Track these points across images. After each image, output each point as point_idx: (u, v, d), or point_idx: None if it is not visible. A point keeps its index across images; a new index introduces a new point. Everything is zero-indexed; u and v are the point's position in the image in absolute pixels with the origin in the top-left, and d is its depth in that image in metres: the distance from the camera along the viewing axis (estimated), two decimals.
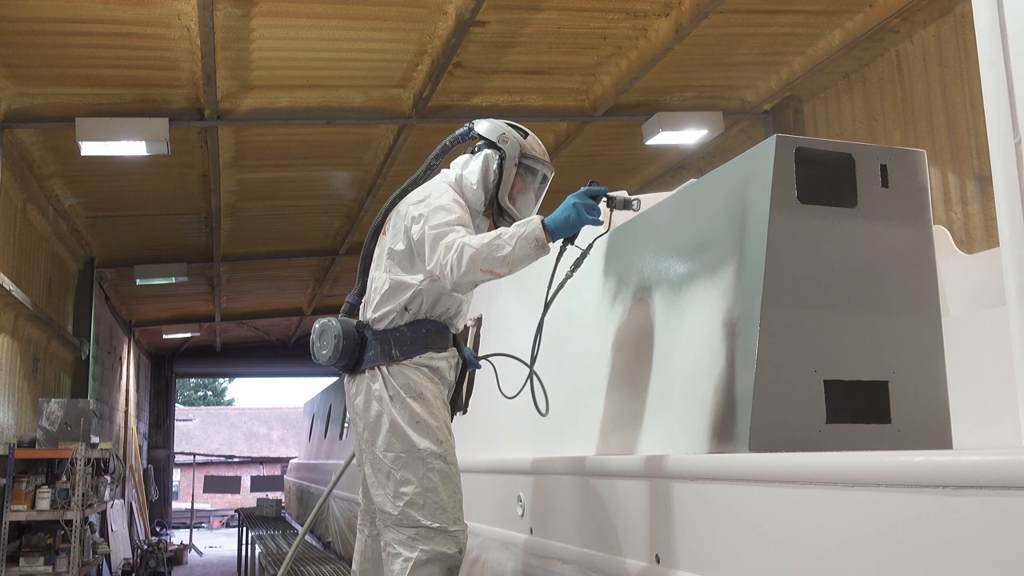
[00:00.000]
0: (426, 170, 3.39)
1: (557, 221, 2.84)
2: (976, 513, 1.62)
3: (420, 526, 2.97)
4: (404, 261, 3.16)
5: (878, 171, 2.57)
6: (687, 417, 2.63)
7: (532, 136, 3.30)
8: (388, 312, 3.16)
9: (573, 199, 2.86)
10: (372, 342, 3.16)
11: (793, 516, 2.05)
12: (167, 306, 16.53)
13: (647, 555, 2.54)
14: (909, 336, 2.52)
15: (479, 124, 3.30)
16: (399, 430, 3.03)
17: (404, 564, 2.97)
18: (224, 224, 10.93)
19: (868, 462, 1.88)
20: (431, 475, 3.00)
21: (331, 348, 3.18)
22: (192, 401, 46.32)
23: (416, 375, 3.08)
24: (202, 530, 25.53)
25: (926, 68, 7.26)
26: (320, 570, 6.80)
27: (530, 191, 3.29)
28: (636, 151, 9.58)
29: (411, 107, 7.92)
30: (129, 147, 7.36)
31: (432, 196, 3.15)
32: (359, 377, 3.19)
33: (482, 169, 3.21)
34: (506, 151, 3.20)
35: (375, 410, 3.09)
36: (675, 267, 2.94)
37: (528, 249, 2.81)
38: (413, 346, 3.10)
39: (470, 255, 2.83)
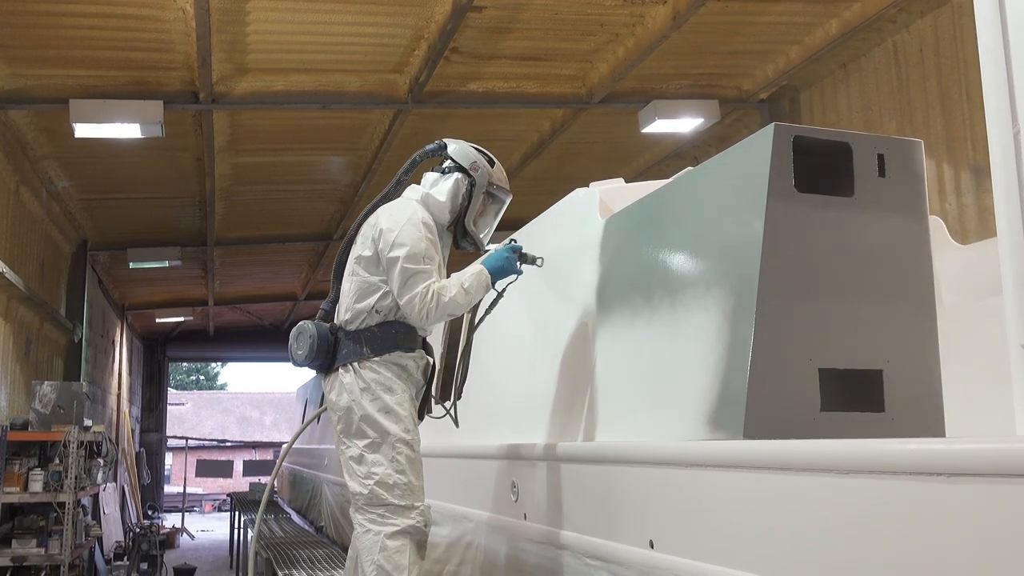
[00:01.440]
0: (396, 184, 3.61)
1: (496, 270, 3.39)
2: (970, 501, 1.63)
3: (388, 504, 3.18)
4: (371, 265, 3.40)
5: (875, 160, 2.57)
6: (682, 404, 2.64)
7: (498, 165, 3.58)
8: (359, 312, 3.38)
9: (505, 252, 3.43)
10: (345, 342, 3.39)
11: (788, 503, 2.07)
12: (160, 290, 16.49)
13: (642, 541, 2.56)
14: (904, 325, 2.53)
15: (451, 145, 3.56)
16: (370, 418, 3.25)
17: (375, 538, 3.17)
18: (218, 208, 10.90)
19: (864, 449, 1.90)
20: (400, 459, 3.22)
21: (306, 348, 3.43)
22: (184, 385, 46.27)
23: (385, 371, 3.31)
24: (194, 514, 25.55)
25: (923, 58, 7.26)
26: (313, 554, 6.82)
27: (490, 215, 3.60)
28: (632, 139, 9.57)
29: (407, 92, 7.90)
30: (123, 130, 7.32)
31: (401, 214, 3.39)
32: (333, 375, 3.41)
33: (451, 192, 3.47)
34: (476, 179, 3.48)
35: (347, 402, 3.31)
36: (671, 254, 2.94)
37: (481, 292, 3.36)
38: (383, 344, 3.32)
39: (442, 304, 3.23)
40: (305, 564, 6.26)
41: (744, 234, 2.51)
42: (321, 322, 3.51)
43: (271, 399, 39.44)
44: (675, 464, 2.43)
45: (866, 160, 2.56)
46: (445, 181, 3.49)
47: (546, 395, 3.58)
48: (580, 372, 3.37)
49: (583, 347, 3.41)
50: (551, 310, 3.75)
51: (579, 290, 3.54)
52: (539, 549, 3.30)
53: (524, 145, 9.71)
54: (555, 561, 3.16)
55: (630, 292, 3.16)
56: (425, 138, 9.42)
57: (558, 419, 3.45)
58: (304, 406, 13.91)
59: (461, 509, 4.30)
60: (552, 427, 3.46)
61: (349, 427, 3.30)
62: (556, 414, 3.48)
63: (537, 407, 3.61)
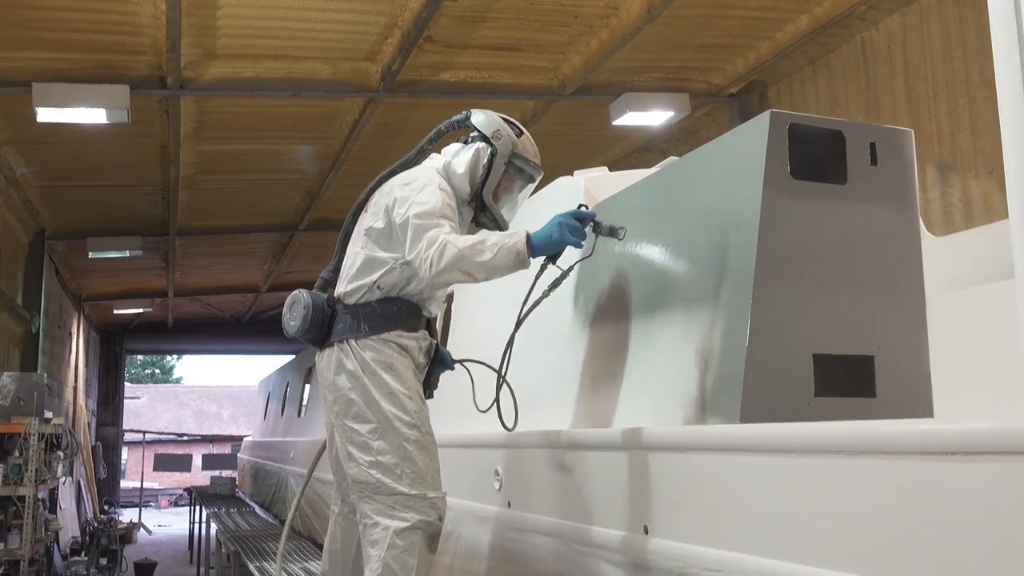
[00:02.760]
0: (417, 153, 3.35)
1: (541, 238, 2.87)
2: (962, 479, 1.66)
3: (399, 493, 2.95)
4: (381, 239, 3.14)
5: (867, 149, 2.59)
6: (675, 390, 2.64)
7: (527, 136, 3.28)
8: (360, 287, 3.15)
9: (559, 218, 2.89)
10: (342, 315, 3.15)
11: (787, 486, 2.08)
12: (119, 280, 16.19)
13: (635, 526, 2.56)
14: (894, 312, 2.56)
15: (476, 115, 3.28)
16: (372, 401, 3.02)
17: (383, 533, 2.93)
18: (181, 197, 10.72)
19: (861, 431, 1.91)
20: (407, 444, 2.98)
21: (300, 319, 3.18)
22: (139, 379, 45.52)
23: (385, 348, 3.07)
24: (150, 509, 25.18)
25: (890, 55, 7.37)
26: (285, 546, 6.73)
27: (515, 191, 3.29)
28: (602, 131, 9.59)
29: (379, 81, 7.83)
30: (88, 114, 7.16)
31: (419, 181, 3.13)
32: (328, 351, 3.18)
33: (471, 161, 3.19)
34: (498, 148, 3.18)
35: (346, 383, 3.07)
36: (662, 241, 2.94)
37: (509, 260, 2.83)
38: (383, 323, 3.09)
39: (452, 254, 2.84)
40: (274, 556, 6.19)
41: (740, 220, 2.52)
42: (318, 292, 3.25)
43: (229, 393, 38.97)
44: (673, 449, 2.43)
45: (859, 148, 2.58)
46: (466, 151, 3.21)
47: (532, 382, 3.57)
48: (567, 359, 3.37)
49: (569, 334, 3.40)
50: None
51: None
52: (525, 537, 3.29)
53: None
54: (542, 549, 3.15)
55: (620, 279, 3.16)
56: (395, 128, 9.35)
57: (545, 406, 3.43)
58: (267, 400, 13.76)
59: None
60: (539, 414, 3.45)
61: (348, 409, 3.06)
62: (543, 401, 3.46)
63: (522, 395, 3.60)
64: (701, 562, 2.27)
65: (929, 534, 1.72)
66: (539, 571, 3.16)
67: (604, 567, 2.71)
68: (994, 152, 6.41)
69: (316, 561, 5.79)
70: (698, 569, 2.28)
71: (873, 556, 1.84)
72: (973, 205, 6.59)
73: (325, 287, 3.36)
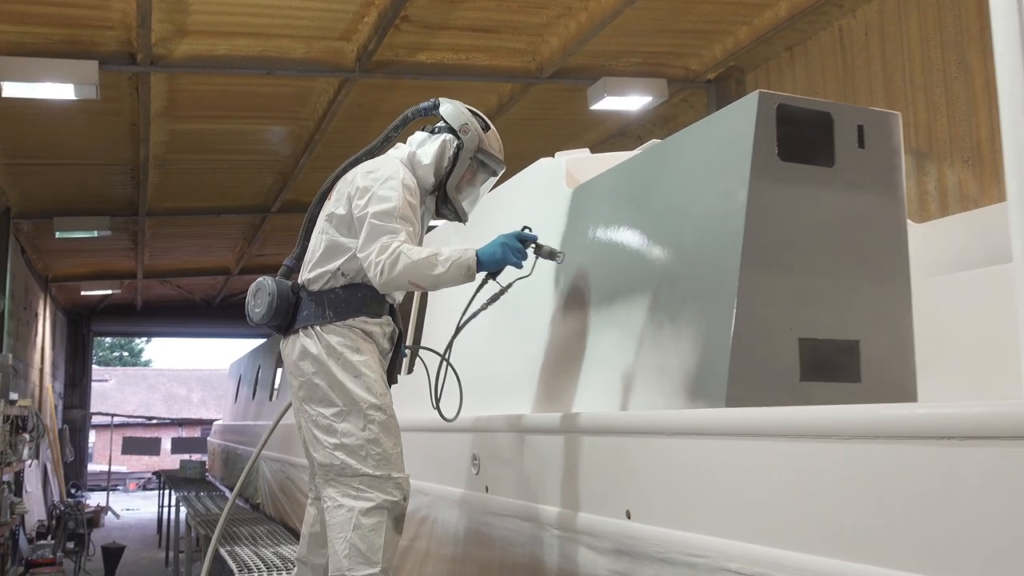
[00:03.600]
0: (383, 141, 3.37)
1: (486, 255, 2.99)
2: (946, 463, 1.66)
3: (363, 475, 2.96)
4: (342, 225, 3.16)
5: (855, 131, 2.57)
6: (660, 374, 2.61)
7: (493, 131, 3.32)
8: (323, 273, 3.17)
9: (503, 239, 3.02)
10: (306, 302, 3.17)
11: (773, 470, 2.05)
12: (86, 261, 15.91)
13: (617, 511, 2.53)
14: (880, 297, 2.54)
15: (444, 105, 3.29)
16: (337, 385, 3.03)
17: (348, 514, 2.93)
18: (151, 176, 10.53)
19: (855, 415, 1.89)
20: (372, 426, 2.99)
21: (265, 307, 3.20)
22: (108, 361, 44.96)
23: (350, 334, 3.09)
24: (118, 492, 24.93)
25: (868, 43, 7.37)
26: (254, 530, 6.67)
27: (477, 184, 3.34)
28: (578, 116, 9.54)
29: (354, 61, 7.72)
30: (55, 90, 6.99)
31: (382, 171, 3.15)
32: (292, 337, 3.19)
33: (437, 153, 3.22)
34: (464, 142, 3.21)
35: (310, 367, 3.09)
36: (647, 223, 2.90)
37: (458, 275, 2.95)
38: (347, 308, 3.11)
39: (404, 264, 2.90)
40: (247, 540, 6.12)
41: (727, 202, 2.48)
42: (282, 279, 3.27)
43: (199, 376, 38.62)
44: (657, 433, 2.40)
45: (846, 131, 2.55)
46: (432, 142, 3.23)
47: (510, 367, 3.53)
48: (547, 344, 3.32)
49: (549, 318, 3.35)
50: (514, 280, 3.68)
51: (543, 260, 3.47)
52: (503, 522, 3.26)
53: None
54: (520, 534, 3.12)
55: (601, 263, 3.12)
56: (370, 109, 9.22)
57: (524, 391, 3.39)
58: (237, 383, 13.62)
59: (416, 483, 4.21)
60: (518, 399, 3.41)
61: (313, 393, 3.07)
62: (522, 386, 3.42)
63: (501, 379, 3.55)
64: (684, 547, 2.25)
65: (918, 520, 1.71)
66: (517, 556, 3.13)
67: (584, 552, 2.69)
68: (970, 140, 6.44)
69: (288, 545, 5.73)
70: (681, 555, 2.25)
71: (860, 541, 1.83)
72: (949, 193, 6.62)
73: (289, 274, 3.37)
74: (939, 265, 3.88)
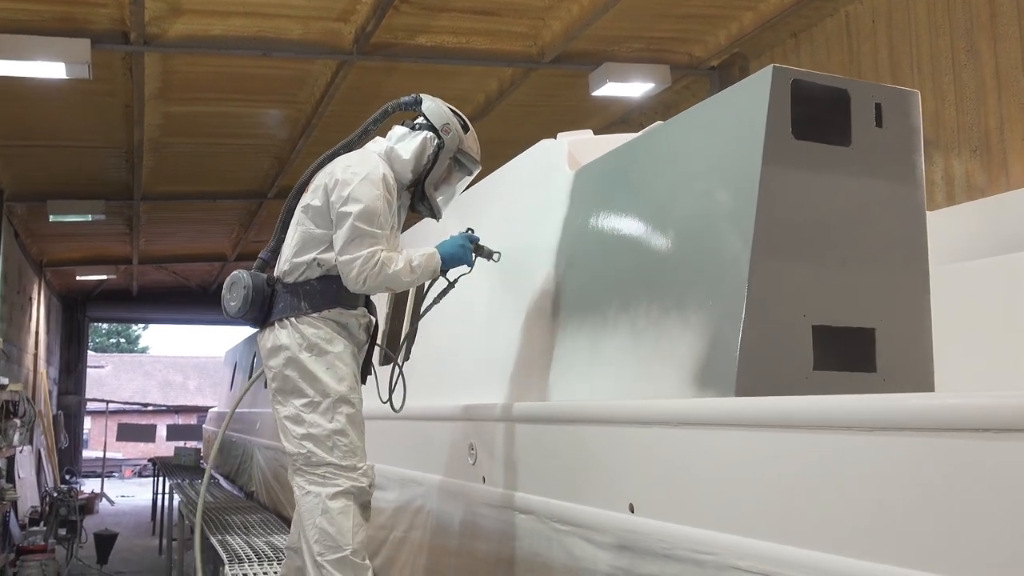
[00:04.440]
0: (362, 134, 3.38)
1: (448, 255, 3.21)
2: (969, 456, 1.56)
3: (329, 464, 3.03)
4: (317, 217, 3.17)
5: (872, 110, 2.45)
6: (667, 362, 2.50)
7: (472, 132, 3.37)
8: (299, 264, 3.18)
9: (460, 240, 3.25)
10: (282, 294, 3.19)
11: (784, 463, 1.94)
12: (81, 246, 15.77)
13: (620, 504, 2.42)
14: (897, 283, 2.43)
15: (427, 101, 3.31)
16: (308, 376, 3.08)
17: (315, 500, 3.00)
18: (146, 160, 10.40)
19: (863, 405, 1.79)
20: (340, 418, 3.05)
21: (240, 300, 3.22)
22: (104, 348, 44.84)
23: (325, 327, 3.13)
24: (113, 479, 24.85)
25: (875, 29, 7.25)
26: (247, 519, 6.57)
27: (453, 183, 3.39)
28: (579, 103, 9.40)
29: (352, 43, 7.58)
30: (47, 68, 6.84)
31: (360, 166, 3.16)
32: (268, 329, 3.21)
33: (417, 150, 3.25)
34: (445, 142, 3.26)
35: (283, 359, 3.12)
36: (654, 204, 2.79)
37: (428, 275, 3.20)
38: (322, 300, 3.13)
39: (386, 275, 3.03)
40: (239, 529, 6.02)
41: (738, 181, 2.36)
42: (258, 272, 3.29)
43: (195, 363, 38.51)
44: (662, 423, 2.29)
45: (864, 109, 2.44)
46: (413, 138, 3.27)
47: (509, 353, 3.41)
48: (549, 329, 3.21)
49: (551, 303, 3.24)
50: (513, 264, 3.56)
51: (545, 243, 3.37)
52: (499, 514, 3.15)
53: (469, 106, 9.43)
54: (517, 526, 3.01)
55: (605, 246, 3.00)
56: (368, 92, 9.08)
57: (523, 379, 3.28)
58: (233, 370, 13.51)
59: (410, 473, 4.12)
60: (516, 387, 3.30)
61: (285, 384, 3.12)
62: (521, 373, 3.31)
63: (499, 366, 3.44)
64: (691, 543, 2.14)
65: (939, 517, 1.61)
66: (514, 549, 3.03)
67: (584, 547, 2.58)
68: (979, 130, 6.32)
69: (281, 535, 5.63)
70: (687, 551, 2.14)
71: (877, 540, 1.72)
72: (955, 184, 6.51)
73: (264, 267, 3.40)
74: (950, 253, 3.77)
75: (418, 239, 5.04)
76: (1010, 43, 6.09)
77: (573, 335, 3.05)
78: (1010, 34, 6.10)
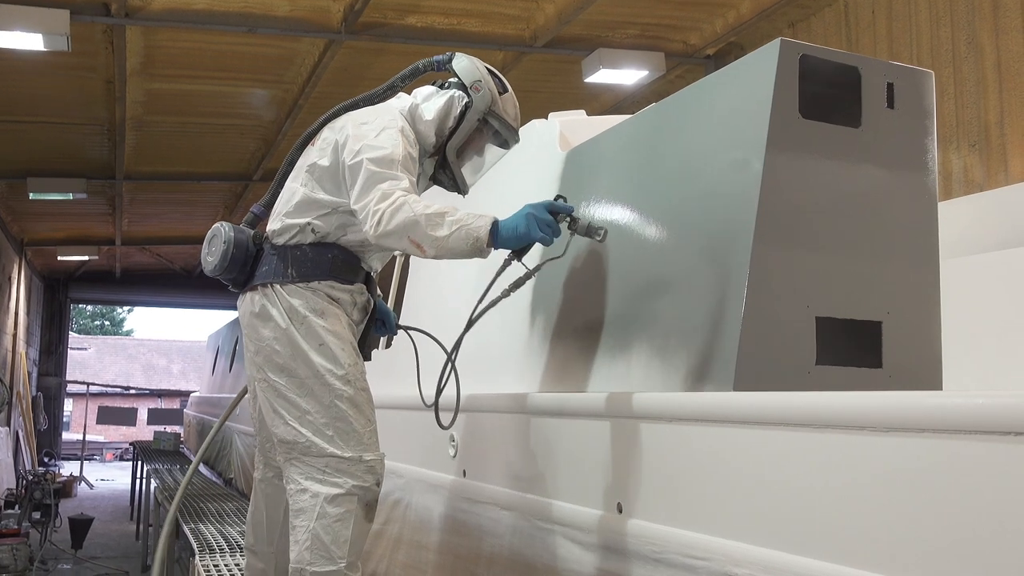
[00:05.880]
0: (387, 89, 2.96)
1: (507, 228, 2.50)
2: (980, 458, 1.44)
3: (330, 455, 2.62)
4: (324, 178, 2.78)
5: (884, 90, 2.31)
6: (661, 353, 2.35)
7: (511, 95, 2.90)
8: (292, 226, 2.79)
9: (529, 208, 2.52)
10: (268, 256, 2.80)
11: (784, 463, 1.81)
12: (63, 225, 15.51)
13: (608, 504, 2.27)
14: (906, 274, 2.29)
15: (459, 59, 2.88)
16: (300, 353, 2.69)
17: (312, 500, 2.61)
18: (128, 138, 10.18)
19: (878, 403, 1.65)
20: (339, 402, 2.66)
21: (219, 256, 2.83)
22: (88, 330, 44.48)
23: (314, 296, 2.74)
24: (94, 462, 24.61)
25: (874, 20, 7.12)
26: (222, 507, 6.42)
27: (483, 153, 2.94)
28: (571, 90, 9.24)
29: (340, 21, 7.41)
30: (24, 39, 6.64)
31: (378, 122, 2.75)
32: (250, 294, 2.83)
33: (443, 109, 2.84)
34: (475, 100, 2.80)
35: (270, 332, 2.74)
36: (649, 185, 2.63)
37: (464, 244, 2.47)
38: (313, 269, 2.75)
39: (405, 216, 2.48)
40: (213, 518, 5.87)
41: (741, 162, 2.22)
42: (244, 227, 2.90)
43: (180, 347, 38.22)
44: (655, 418, 2.15)
45: (875, 88, 2.30)
46: (440, 97, 2.85)
47: (493, 341, 3.26)
48: (535, 318, 3.06)
49: (540, 290, 3.08)
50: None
51: None
52: (480, 509, 3.00)
53: None
54: (498, 523, 2.87)
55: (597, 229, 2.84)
56: (356, 73, 8.88)
57: (510, 369, 3.13)
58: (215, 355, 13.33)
59: (390, 464, 3.95)
60: (500, 377, 3.15)
61: (272, 361, 2.72)
62: (505, 363, 3.16)
63: (484, 355, 3.29)
64: (683, 547, 2.00)
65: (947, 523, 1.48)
66: (495, 547, 2.88)
67: (569, 547, 2.44)
68: (978, 124, 6.20)
69: None
70: (679, 556, 2.00)
71: (879, 545, 1.59)
72: (953, 179, 6.39)
73: (255, 222, 3.00)
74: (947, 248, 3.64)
75: None
76: (1013, 36, 5.97)
77: (561, 324, 2.90)
78: (1013, 27, 5.98)
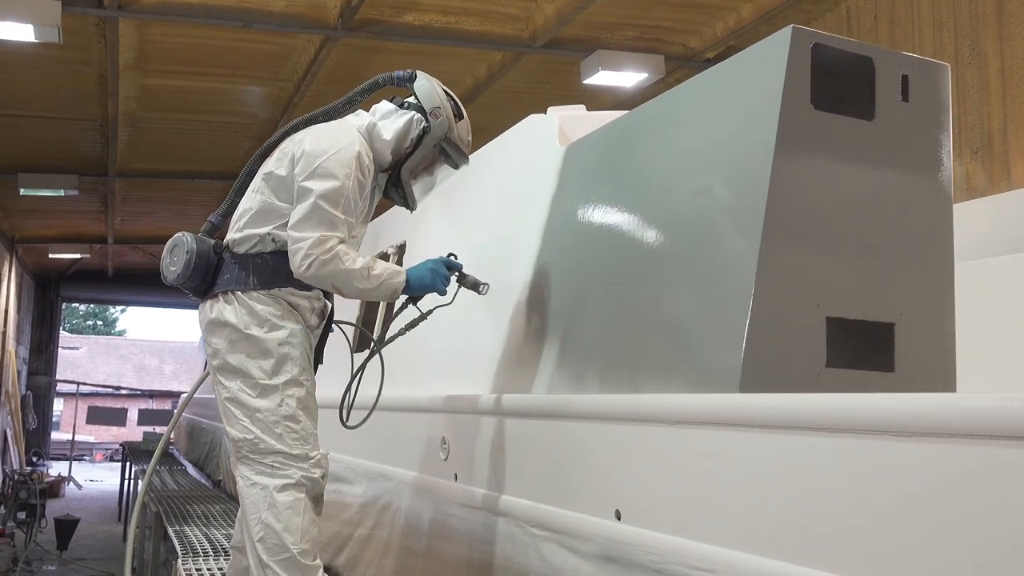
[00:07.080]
0: (346, 103, 3.11)
1: (416, 278, 2.87)
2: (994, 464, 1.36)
3: (279, 452, 2.75)
4: (280, 188, 2.89)
5: (899, 82, 2.22)
6: (664, 354, 2.25)
7: (465, 121, 3.05)
8: (252, 235, 2.91)
9: (432, 264, 2.91)
10: (229, 265, 2.92)
11: (792, 469, 1.71)
12: (55, 223, 15.36)
13: (606, 510, 2.17)
14: (920, 274, 2.20)
15: (420, 80, 3.01)
16: (255, 356, 2.82)
17: (262, 492, 2.73)
18: (121, 134, 10.06)
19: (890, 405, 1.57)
20: (290, 402, 2.79)
21: (181, 265, 2.93)
22: (80, 329, 44.26)
23: (273, 303, 2.86)
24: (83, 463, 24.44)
25: (876, 26, 7.06)
26: (208, 509, 6.30)
27: (435, 173, 3.11)
28: (569, 92, 9.13)
29: (337, 18, 7.31)
30: (15, 30, 6.52)
31: (336, 139, 2.86)
32: (211, 302, 2.94)
33: (401, 131, 2.98)
34: (432, 127, 2.95)
35: (227, 337, 2.85)
36: (652, 179, 2.54)
37: (384, 294, 2.86)
38: (273, 277, 2.87)
39: (335, 268, 2.72)
40: (199, 520, 5.75)
41: (749, 154, 2.12)
42: (204, 236, 3.00)
43: (172, 348, 38.04)
44: (656, 421, 2.05)
45: (889, 80, 2.21)
46: (398, 118, 2.98)
47: (487, 342, 3.16)
48: (533, 318, 2.96)
49: (537, 289, 2.98)
50: (497, 245, 3.31)
51: (532, 224, 3.11)
52: (471, 514, 2.90)
53: (457, 90, 9.06)
54: (491, 529, 2.76)
55: (596, 229, 2.75)
56: (352, 71, 8.78)
57: (504, 370, 3.03)
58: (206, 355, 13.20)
59: (378, 467, 3.86)
60: (495, 378, 3.04)
61: (227, 364, 2.82)
62: (500, 363, 3.06)
63: (477, 355, 3.19)
64: (684, 557, 1.90)
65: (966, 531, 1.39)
66: (487, 554, 2.78)
67: (564, 555, 2.33)
68: (981, 131, 6.13)
69: None
70: (680, 565, 1.90)
71: (895, 556, 1.49)
72: (955, 186, 6.30)
73: (213, 232, 3.09)
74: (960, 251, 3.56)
75: (386, 227, 4.78)
76: (1017, 42, 5.91)
77: (560, 323, 2.80)
78: (1017, 33, 5.92)
